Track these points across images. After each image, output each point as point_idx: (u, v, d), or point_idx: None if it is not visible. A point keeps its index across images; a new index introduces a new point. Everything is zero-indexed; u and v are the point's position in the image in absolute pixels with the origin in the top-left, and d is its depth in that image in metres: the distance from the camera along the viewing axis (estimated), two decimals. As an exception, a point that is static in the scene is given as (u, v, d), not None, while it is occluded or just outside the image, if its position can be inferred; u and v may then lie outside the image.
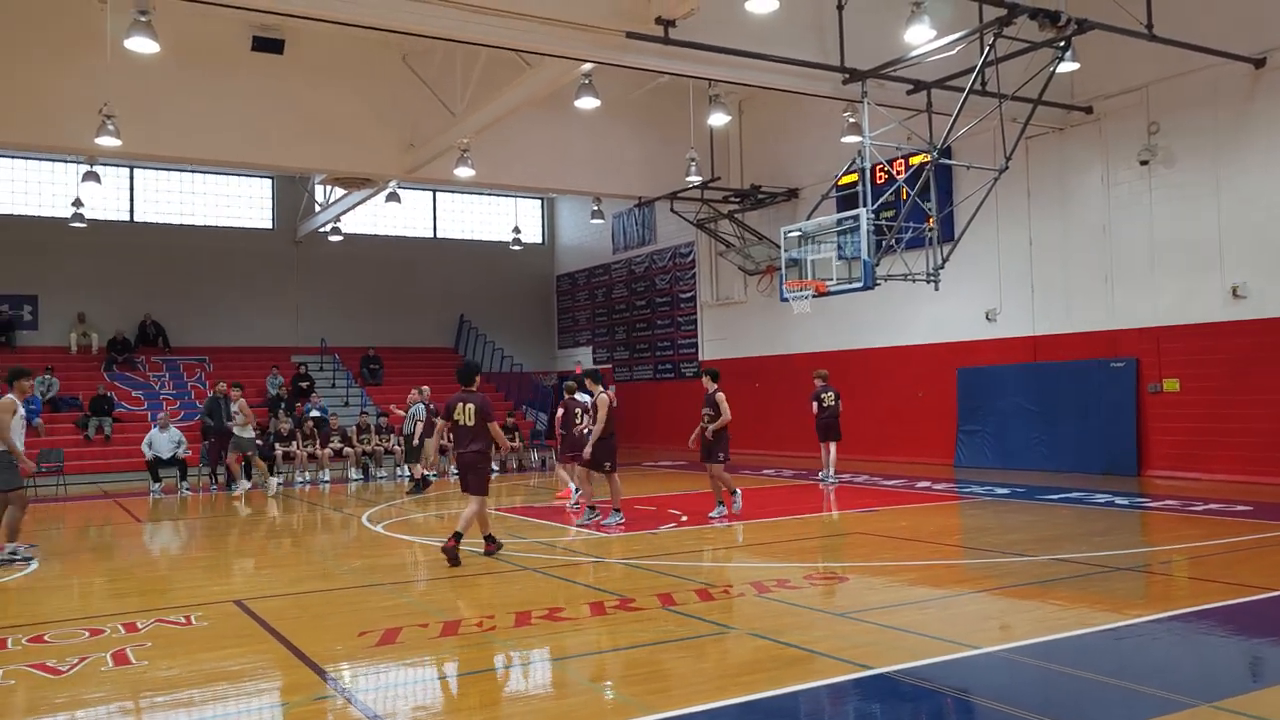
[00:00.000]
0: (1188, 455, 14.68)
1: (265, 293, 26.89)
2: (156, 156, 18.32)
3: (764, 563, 9.04)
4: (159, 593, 8.36)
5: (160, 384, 23.61)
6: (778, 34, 13.84)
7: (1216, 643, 6.04)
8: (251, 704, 5.14)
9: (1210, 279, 14.42)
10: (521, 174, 20.40)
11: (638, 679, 5.52)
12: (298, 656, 5.95)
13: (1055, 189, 16.49)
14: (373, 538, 11.46)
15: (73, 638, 6.54)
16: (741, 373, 23.01)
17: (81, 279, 24.63)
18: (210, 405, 18.47)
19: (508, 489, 16.81)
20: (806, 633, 6.25)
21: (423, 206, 29.33)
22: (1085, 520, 10.94)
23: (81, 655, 6.04)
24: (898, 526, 10.98)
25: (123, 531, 12.84)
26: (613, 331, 28.42)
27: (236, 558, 10.54)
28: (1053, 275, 16.58)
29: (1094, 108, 15.79)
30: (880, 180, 17.69)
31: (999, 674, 5.44)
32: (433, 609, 7.18)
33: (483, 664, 5.84)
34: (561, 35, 12.36)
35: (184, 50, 16.57)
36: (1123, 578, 7.86)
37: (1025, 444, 16.83)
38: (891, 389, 19.37)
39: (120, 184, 25.48)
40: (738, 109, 22.33)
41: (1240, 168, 14.06)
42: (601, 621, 6.74)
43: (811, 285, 14.21)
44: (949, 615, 6.80)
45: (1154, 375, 15.14)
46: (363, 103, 18.32)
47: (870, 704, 5.03)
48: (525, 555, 9.57)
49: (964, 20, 13.73)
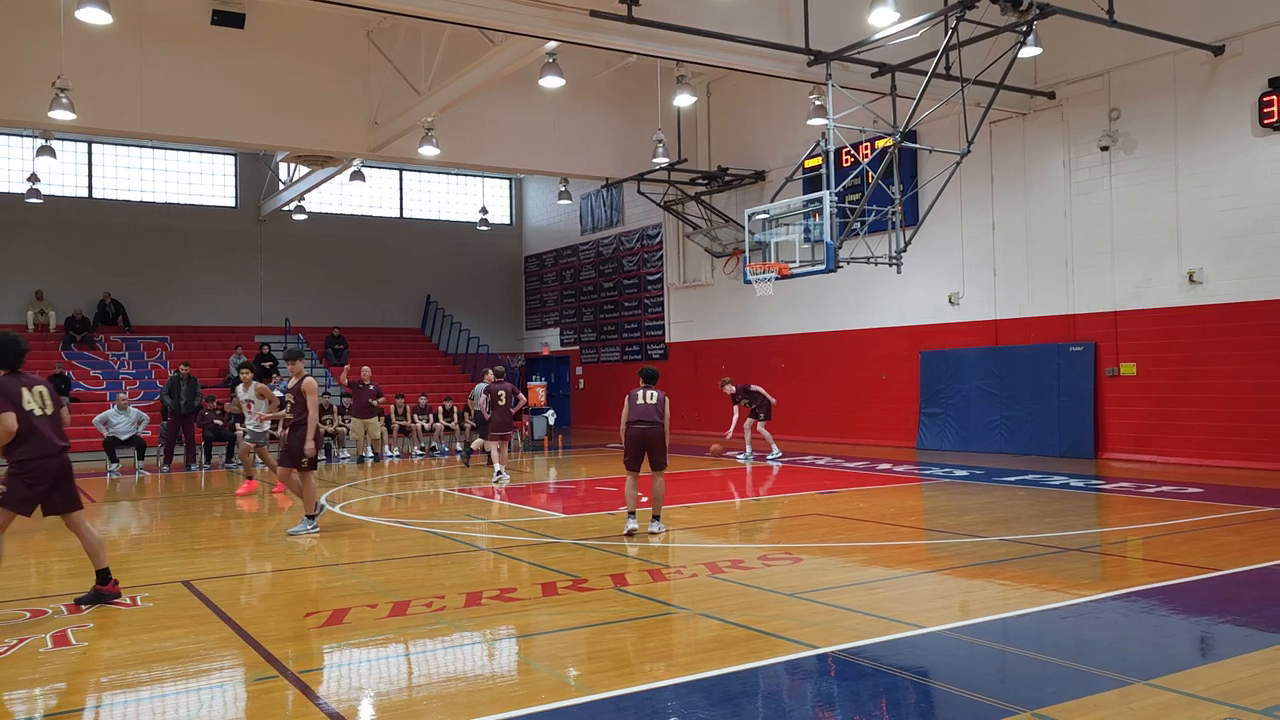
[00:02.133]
0: (1143, 438, 14.90)
1: (228, 271, 26.56)
2: (113, 131, 17.98)
3: (719, 543, 9.07)
4: (107, 573, 8.24)
5: (120, 364, 23.28)
6: (743, 15, 13.80)
7: (1157, 622, 6.13)
8: (191, 685, 5.09)
9: (1167, 265, 14.59)
10: (488, 154, 20.25)
11: (582, 659, 5.52)
12: (242, 637, 5.90)
13: (1018, 174, 16.60)
14: (330, 519, 11.37)
15: (14, 619, 6.43)
16: (707, 355, 23.07)
17: (39, 256, 24.20)
18: (171, 385, 18.21)
19: (470, 471, 16.75)
20: (756, 613, 6.27)
21: (389, 186, 29.06)
22: (1040, 502, 11.06)
23: (20, 637, 5.95)
24: (855, 508, 11.06)
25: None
26: (580, 313, 28.34)
27: (189, 539, 10.41)
28: (1014, 259, 16.70)
29: (1056, 93, 15.88)
30: (846, 163, 17.74)
31: (939, 652, 5.49)
32: (383, 590, 7.14)
33: (428, 644, 5.82)
34: (525, 13, 12.26)
35: (141, 23, 16.27)
36: (1072, 558, 7.96)
37: (986, 426, 16.99)
38: (855, 372, 19.49)
39: (79, 159, 25.02)
40: (705, 91, 22.27)
41: (1198, 155, 14.20)
42: (552, 602, 6.73)
43: (775, 267, 14.23)
44: (898, 595, 6.85)
45: (1111, 359, 15.32)
46: (326, 79, 18.08)
47: (811, 683, 5.06)
48: (483, 536, 9.54)
49: (928, 3, 13.77)
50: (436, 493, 13.76)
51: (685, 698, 4.72)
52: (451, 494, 13.44)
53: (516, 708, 4.56)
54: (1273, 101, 13.28)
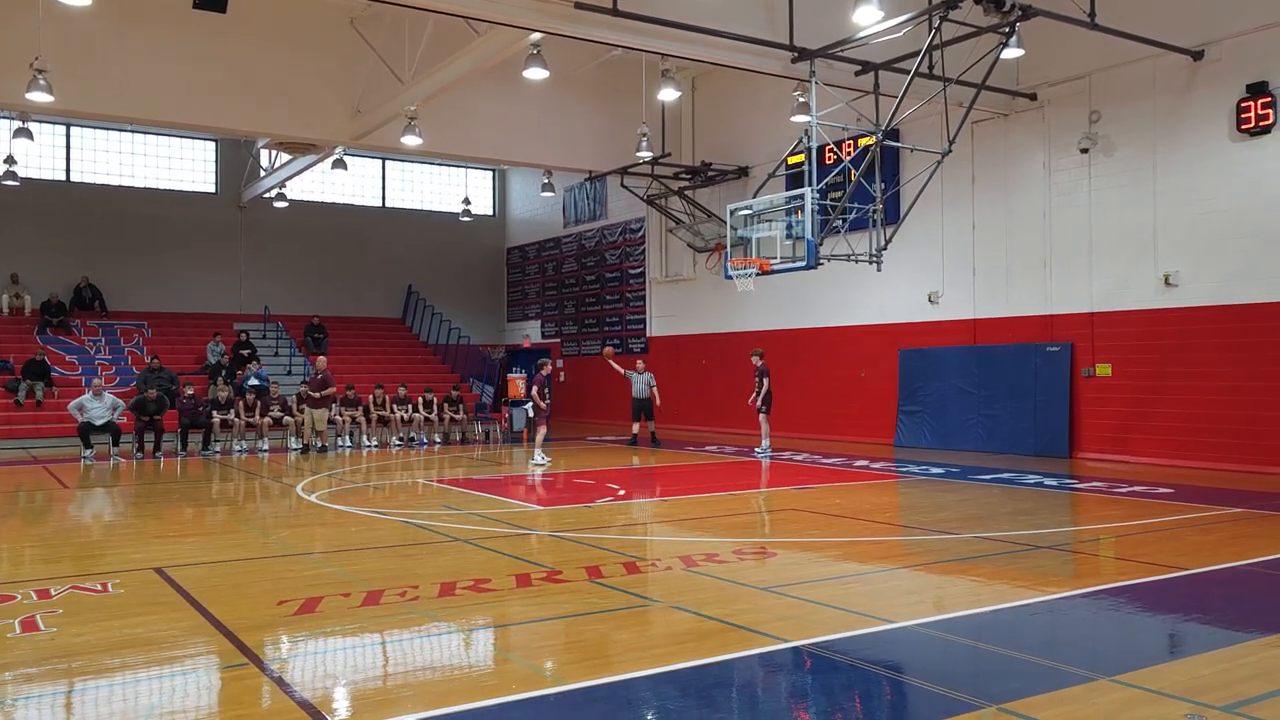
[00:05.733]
0: (1117, 439, 15.04)
1: (207, 258, 26.35)
2: (92, 114, 17.84)
3: (694, 537, 9.10)
4: (78, 559, 8.18)
5: (96, 349, 23.08)
6: (728, 10, 13.81)
7: (1124, 619, 6.20)
8: (159, 671, 5.06)
9: (1144, 267, 14.72)
10: (472, 144, 20.17)
11: (555, 649, 5.54)
12: (213, 624, 5.88)
13: (998, 174, 16.70)
14: (306, 507, 11.34)
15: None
16: (688, 349, 23.11)
17: (15, 239, 23.94)
18: (144, 377, 18.19)
19: (449, 461, 16.73)
20: (728, 606, 6.30)
21: (371, 175, 28.91)
22: (1014, 500, 11.16)
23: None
24: (831, 504, 11.12)
25: (50, 498, 12.57)
26: (562, 306, 28.32)
27: (163, 525, 10.35)
28: (994, 259, 16.81)
29: (1038, 94, 15.98)
30: (829, 161, 17.80)
31: (910, 647, 5.54)
32: (357, 579, 7.13)
33: (401, 634, 5.82)
34: (509, 4, 12.23)
35: (122, 5, 16.10)
36: (1044, 556, 8.04)
37: (963, 425, 17.11)
38: (834, 369, 19.57)
39: (56, 142, 24.76)
40: (690, 85, 22.28)
41: (1175, 158, 14.33)
42: (526, 593, 6.74)
43: (755, 263, 14.26)
44: (871, 590, 6.90)
45: (1088, 360, 15.45)
46: (309, 66, 17.96)
47: (784, 676, 5.09)
48: (459, 527, 9.53)
49: (912, 3, 13.81)
50: (415, 483, 13.73)
51: (658, 689, 4.74)
52: (430, 484, 13.42)
53: (489, 697, 4.56)
54: (1250, 107, 13.41)
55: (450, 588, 6.79)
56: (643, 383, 18.83)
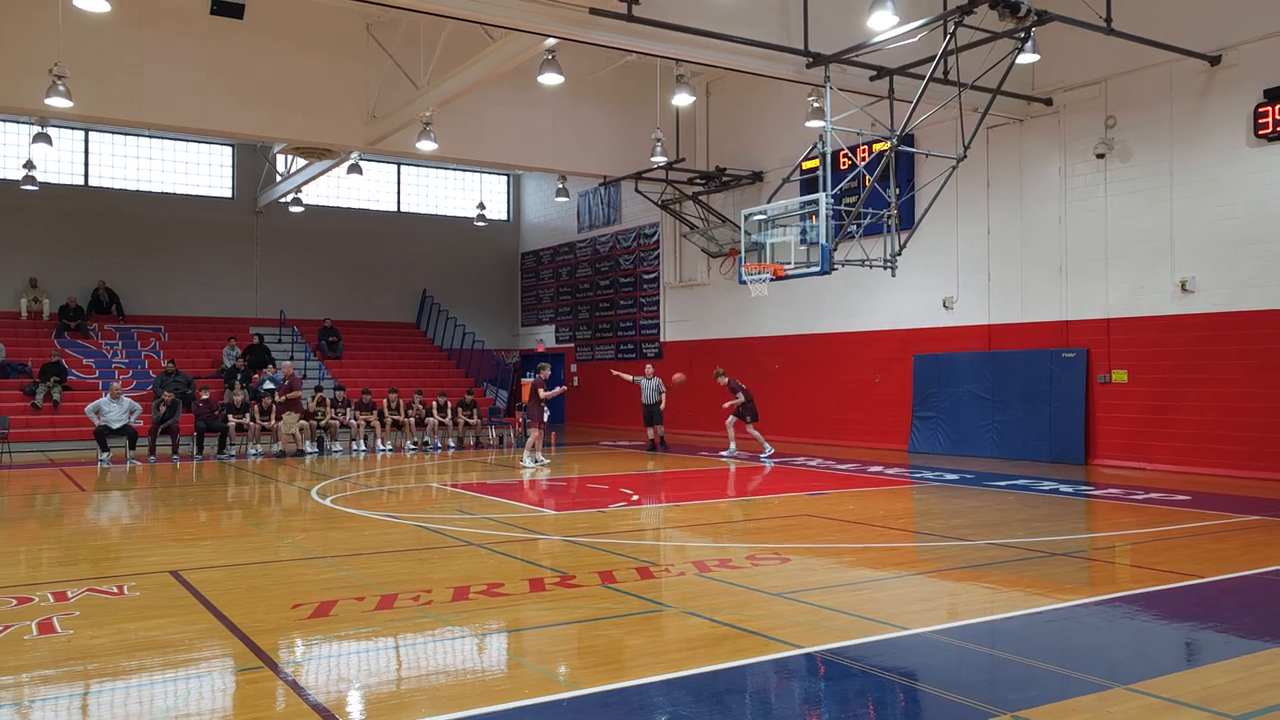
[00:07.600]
0: (1133, 445, 14.95)
1: (223, 262, 26.53)
2: (110, 119, 17.95)
3: (708, 542, 9.10)
4: (95, 562, 8.24)
5: (113, 353, 23.24)
6: (743, 15, 13.83)
7: (1139, 627, 6.16)
8: (174, 674, 5.10)
9: (1160, 273, 14.64)
10: (486, 149, 20.24)
11: (568, 654, 5.54)
12: (228, 627, 5.91)
13: (1014, 179, 16.64)
14: (322, 511, 11.39)
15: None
16: (702, 355, 23.10)
17: (33, 243, 24.16)
18: (160, 381, 18.33)
19: (463, 465, 16.77)
20: (741, 611, 6.30)
21: (386, 180, 29.05)
22: (1029, 506, 11.10)
23: (5, 624, 5.96)
24: (845, 510, 11.09)
25: (67, 501, 12.66)
26: (576, 310, 28.36)
27: (178, 529, 10.41)
28: (1009, 265, 16.75)
29: (1053, 99, 15.92)
30: (843, 166, 17.77)
31: (924, 654, 5.52)
32: (371, 583, 7.16)
33: (414, 637, 5.83)
34: (525, 9, 12.27)
35: (140, 11, 16.26)
36: (1059, 563, 7.99)
37: (977, 431, 17.04)
38: (848, 374, 19.53)
39: (75, 147, 24.98)
40: (704, 91, 22.30)
41: (1192, 164, 14.25)
42: (539, 598, 6.75)
43: (769, 268, 14.25)
44: (884, 597, 6.88)
45: (1103, 366, 15.37)
46: (325, 71, 18.08)
47: (797, 682, 5.08)
48: (472, 531, 9.56)
49: (927, 8, 13.80)
50: (428, 487, 13.77)
51: (671, 694, 4.74)
52: (444, 489, 13.45)
53: (502, 702, 4.57)
54: (1268, 112, 13.33)
55: (464, 592, 6.80)
56: (651, 388, 18.87)
